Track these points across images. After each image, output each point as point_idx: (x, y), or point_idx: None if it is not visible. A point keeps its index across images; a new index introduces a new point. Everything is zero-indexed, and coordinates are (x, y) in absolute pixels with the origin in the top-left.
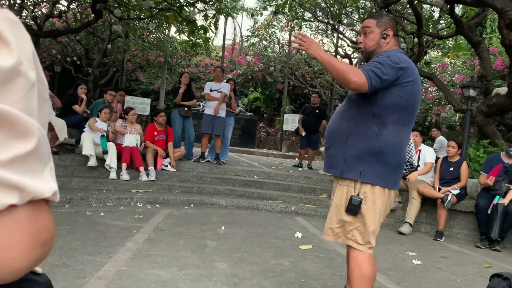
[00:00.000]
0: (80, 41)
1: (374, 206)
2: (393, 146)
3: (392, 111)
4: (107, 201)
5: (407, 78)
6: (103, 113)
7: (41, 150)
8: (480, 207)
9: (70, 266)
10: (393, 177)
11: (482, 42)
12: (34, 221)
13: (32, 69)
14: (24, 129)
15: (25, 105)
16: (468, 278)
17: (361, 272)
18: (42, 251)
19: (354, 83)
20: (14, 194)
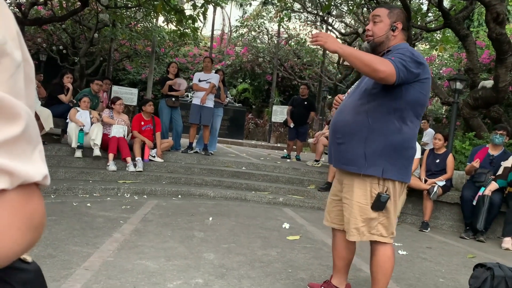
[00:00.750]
0: (66, 29)
1: (395, 200)
2: (410, 140)
3: (413, 107)
4: (93, 191)
5: (425, 74)
6: (82, 101)
7: (29, 133)
8: (465, 198)
9: (56, 256)
10: (409, 170)
11: (470, 36)
12: (25, 205)
13: (17, 48)
14: (12, 112)
15: (12, 86)
16: (453, 268)
17: (391, 263)
18: (34, 235)
19: (383, 72)
20: (4, 179)
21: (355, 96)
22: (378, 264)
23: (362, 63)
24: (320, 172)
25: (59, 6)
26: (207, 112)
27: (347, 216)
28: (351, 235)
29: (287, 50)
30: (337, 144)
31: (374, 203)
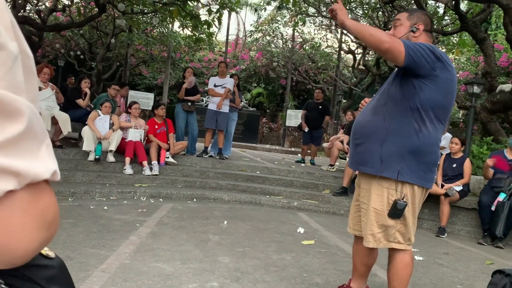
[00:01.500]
0: (83, 35)
1: (414, 206)
2: (431, 144)
3: (430, 107)
4: (110, 195)
5: (445, 74)
6: (104, 106)
7: (34, 129)
8: (483, 204)
9: (74, 259)
10: (430, 176)
11: (487, 39)
12: (36, 203)
13: (12, 39)
14: (12, 109)
15: (10, 81)
16: (470, 274)
17: (409, 270)
18: (48, 232)
19: (387, 42)
20: (11, 180)
21: (376, 98)
22: (395, 271)
23: (368, 33)
24: (335, 177)
25: (77, 12)
26: (222, 117)
27: (364, 221)
28: (367, 241)
29: (302, 54)
30: (355, 145)
31: (391, 211)
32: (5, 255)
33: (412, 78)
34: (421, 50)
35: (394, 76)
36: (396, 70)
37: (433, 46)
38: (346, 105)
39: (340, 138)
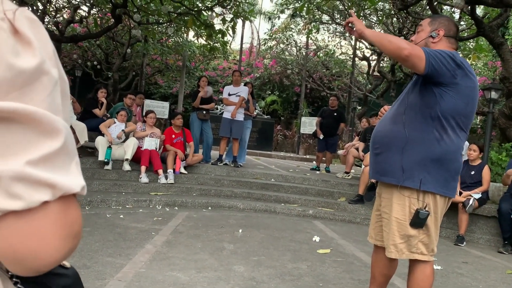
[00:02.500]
0: (100, 45)
1: (436, 215)
2: (454, 152)
3: (451, 115)
4: (126, 203)
5: (466, 81)
6: (119, 115)
7: (68, 146)
8: (503, 211)
9: (90, 267)
10: (453, 185)
11: (505, 43)
12: (65, 215)
13: (54, 66)
14: (51, 127)
15: (50, 103)
16: (490, 284)
17: (430, 282)
18: (73, 243)
19: (407, 49)
20: (47, 191)
21: (395, 106)
22: (415, 282)
23: (387, 40)
24: (350, 185)
25: (94, 24)
26: (237, 125)
27: (386, 231)
28: (389, 251)
29: (316, 61)
30: (375, 155)
31: (413, 220)
32: (34, 262)
33: (432, 86)
34: (441, 57)
35: (413, 83)
36: (415, 78)
37: (454, 53)
38: (361, 112)
39: (356, 145)
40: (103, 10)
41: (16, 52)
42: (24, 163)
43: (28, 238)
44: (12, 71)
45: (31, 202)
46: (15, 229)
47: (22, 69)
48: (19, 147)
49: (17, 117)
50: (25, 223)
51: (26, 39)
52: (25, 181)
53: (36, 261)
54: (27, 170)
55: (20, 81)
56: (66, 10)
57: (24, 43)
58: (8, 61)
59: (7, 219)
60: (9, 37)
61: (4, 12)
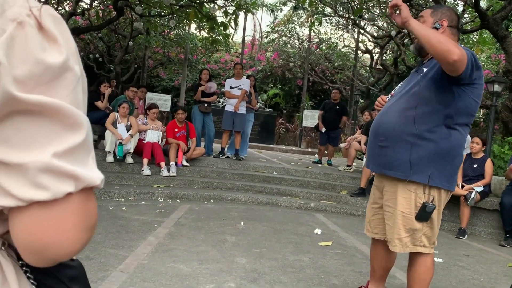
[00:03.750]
0: (102, 38)
1: (439, 209)
2: (459, 147)
3: (464, 113)
4: (128, 195)
5: (480, 80)
6: (121, 107)
7: (88, 141)
8: (505, 205)
9: (93, 259)
10: (455, 179)
11: (508, 36)
12: (85, 207)
13: (77, 63)
14: (75, 121)
15: (74, 98)
16: (492, 277)
17: (430, 274)
18: (90, 234)
19: (456, 54)
20: (71, 183)
21: (402, 99)
22: (416, 275)
23: (437, 40)
24: (352, 178)
25: (96, 16)
26: (239, 118)
27: (390, 225)
28: (394, 245)
29: (318, 54)
30: (379, 147)
31: (419, 213)
32: (54, 252)
33: (453, 85)
34: (475, 60)
35: (423, 77)
36: (432, 73)
37: (474, 54)
38: (364, 105)
39: (358, 138)
40: (105, 3)
41: (44, 48)
42: (51, 155)
43: (50, 228)
44: (41, 66)
45: (56, 193)
46: (39, 219)
47: (49, 64)
48: (45, 139)
49: (44, 110)
50: (49, 214)
51: (52, 36)
52: (51, 172)
53: (56, 251)
54: (54, 162)
55: (47, 76)
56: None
57: (50, 39)
58: (37, 56)
59: (31, 209)
60: (36, 33)
61: (30, 9)
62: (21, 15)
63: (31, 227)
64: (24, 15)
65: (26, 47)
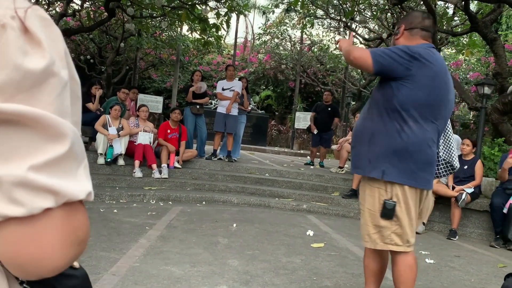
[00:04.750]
0: (93, 39)
1: (408, 207)
2: (418, 143)
3: (411, 107)
4: (120, 198)
5: (421, 71)
6: (113, 110)
7: (75, 151)
8: (495, 206)
9: (84, 262)
10: (422, 175)
11: (498, 39)
12: (69, 222)
13: (65, 67)
14: (58, 131)
15: (58, 106)
16: (482, 277)
17: (413, 272)
18: (78, 250)
19: (354, 57)
20: (49, 198)
21: (367, 104)
22: (399, 274)
23: (343, 51)
24: (344, 179)
25: (87, 17)
26: (232, 120)
27: (361, 222)
28: (364, 241)
29: (310, 56)
30: (352, 149)
31: (382, 211)
32: (36, 268)
33: (390, 80)
34: (393, 54)
35: (379, 81)
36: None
37: (409, 46)
38: (355, 107)
39: (349, 140)
40: (96, 4)
41: (25, 52)
42: (27, 168)
43: (30, 244)
44: (20, 72)
45: (32, 208)
46: (17, 235)
47: (29, 70)
48: (23, 151)
49: (23, 120)
50: (27, 230)
51: (36, 39)
52: (27, 187)
53: (38, 268)
54: (29, 176)
55: (27, 83)
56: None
57: (33, 43)
58: (16, 61)
59: (9, 225)
60: (18, 37)
61: (15, 10)
62: (4, 17)
63: (10, 243)
64: (8, 17)
65: (6, 51)
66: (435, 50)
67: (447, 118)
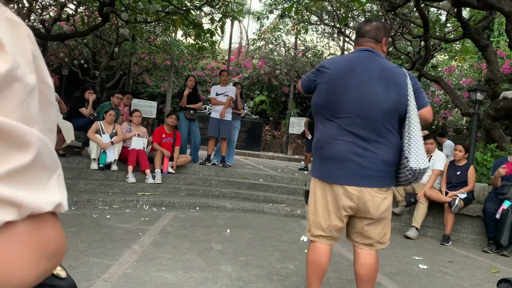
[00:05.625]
0: (87, 44)
1: (315, 196)
2: (320, 141)
3: (316, 111)
4: (113, 203)
5: (322, 79)
6: (108, 115)
7: (42, 160)
8: (488, 211)
9: (76, 268)
10: (326, 170)
11: (490, 45)
12: (37, 235)
13: (32, 71)
14: (21, 140)
15: (23, 112)
16: (475, 283)
17: (309, 261)
18: (49, 264)
19: (298, 88)
20: (11, 210)
21: None
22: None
23: None
24: None
25: (81, 22)
26: (225, 125)
27: None
28: None
29: (304, 62)
30: None
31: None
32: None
33: None
34: (310, 75)
35: None
36: None
37: (323, 63)
38: None
39: None
40: (91, 8)
41: None
42: None
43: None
44: None
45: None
46: None
47: None
48: None
49: None
50: None
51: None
52: None
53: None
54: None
55: None
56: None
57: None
58: None
59: None
60: None
61: None
62: None
63: None
64: None
65: None
66: (353, 54)
67: (357, 115)
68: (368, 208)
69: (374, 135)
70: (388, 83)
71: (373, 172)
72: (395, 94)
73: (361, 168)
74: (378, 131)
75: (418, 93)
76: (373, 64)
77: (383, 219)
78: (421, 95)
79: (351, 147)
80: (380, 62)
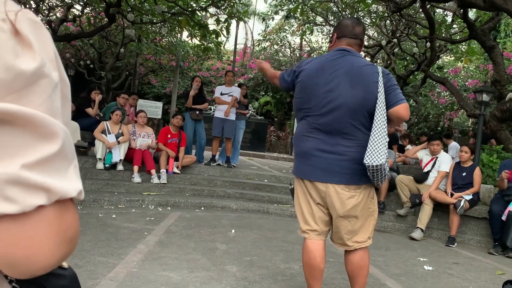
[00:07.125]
0: (93, 45)
1: (296, 193)
2: (295, 138)
3: (297, 110)
4: (118, 203)
5: (298, 79)
6: (115, 115)
7: (66, 150)
8: (494, 213)
9: (82, 267)
10: (299, 166)
11: (496, 47)
12: (61, 219)
13: (55, 69)
14: (49, 131)
15: (49, 106)
16: (481, 284)
17: (304, 257)
18: (68, 248)
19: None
20: (42, 195)
21: None
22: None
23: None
24: None
25: (87, 23)
26: (229, 125)
27: None
28: None
29: None
30: None
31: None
32: (28, 266)
33: None
34: (287, 73)
35: None
36: None
37: (300, 63)
38: None
39: None
40: (97, 9)
41: (16, 54)
42: (20, 167)
43: (22, 242)
44: (11, 73)
45: (26, 206)
46: (10, 232)
47: (21, 71)
48: (15, 150)
49: (15, 120)
50: (20, 227)
51: (27, 41)
52: (20, 184)
53: (30, 266)
54: (22, 174)
55: (18, 83)
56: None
57: (24, 45)
58: (7, 62)
59: (1, 223)
60: (9, 39)
61: (6, 13)
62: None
63: (1, 240)
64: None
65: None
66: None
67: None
68: (333, 204)
69: (341, 132)
70: (354, 81)
71: (339, 168)
72: (360, 91)
73: (326, 164)
74: (345, 129)
75: (391, 90)
76: (343, 62)
77: (352, 218)
78: (394, 92)
79: (318, 144)
80: (351, 60)
